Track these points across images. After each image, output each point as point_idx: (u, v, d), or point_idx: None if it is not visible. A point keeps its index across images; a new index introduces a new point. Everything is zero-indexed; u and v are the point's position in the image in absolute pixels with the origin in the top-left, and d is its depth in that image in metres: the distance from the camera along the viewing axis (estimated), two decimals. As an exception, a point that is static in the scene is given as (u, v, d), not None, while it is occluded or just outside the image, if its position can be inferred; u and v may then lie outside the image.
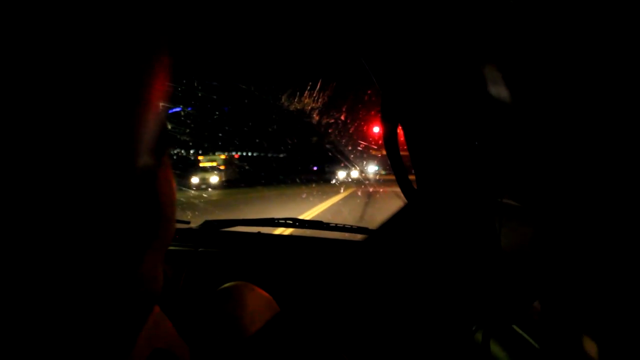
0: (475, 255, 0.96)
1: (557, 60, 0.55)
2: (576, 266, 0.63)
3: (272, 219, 1.62)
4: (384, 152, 1.05)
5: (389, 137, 1.02)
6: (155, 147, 0.30)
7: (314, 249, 1.42)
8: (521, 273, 0.87)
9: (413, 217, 1.09)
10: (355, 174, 16.86)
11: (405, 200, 1.09)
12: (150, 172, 0.30)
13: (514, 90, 0.64)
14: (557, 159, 0.60)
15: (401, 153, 1.04)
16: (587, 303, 0.62)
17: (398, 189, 1.05)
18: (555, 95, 0.57)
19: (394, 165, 1.04)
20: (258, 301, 0.71)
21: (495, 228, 0.94)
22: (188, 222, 1.63)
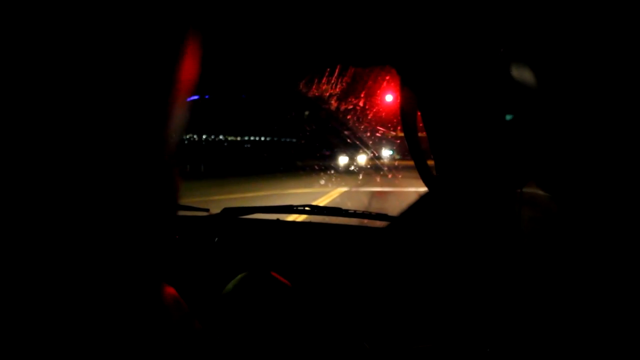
0: (495, 245, 0.94)
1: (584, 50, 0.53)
2: (601, 257, 0.61)
3: (291, 206, 1.63)
4: (400, 134, 1.05)
5: (408, 122, 1.00)
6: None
7: (333, 236, 1.42)
8: (542, 262, 0.86)
9: (434, 204, 1.08)
10: (362, 158, 15.92)
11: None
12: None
13: (540, 73, 0.63)
14: (583, 146, 0.59)
15: (418, 134, 1.03)
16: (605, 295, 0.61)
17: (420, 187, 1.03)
18: (585, 79, 0.55)
19: (413, 151, 1.03)
20: (277, 288, 0.71)
21: (517, 216, 0.93)
22: (207, 210, 1.65)
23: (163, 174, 0.30)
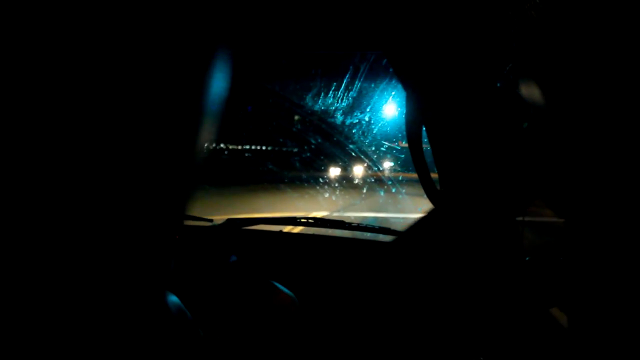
0: (496, 262, 0.94)
1: (586, 64, 0.53)
2: (602, 272, 0.61)
3: (294, 218, 1.64)
4: (404, 145, 1.05)
5: (413, 137, 1.01)
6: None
7: (336, 248, 1.42)
8: (542, 278, 0.85)
9: (439, 221, 1.07)
10: (359, 170, 15.34)
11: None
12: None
13: (544, 92, 0.63)
14: (585, 164, 0.59)
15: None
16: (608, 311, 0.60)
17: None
18: (587, 98, 0.55)
19: (417, 165, 1.03)
20: (281, 299, 0.71)
21: (518, 233, 0.93)
22: (211, 220, 1.66)
23: (174, 183, 0.30)
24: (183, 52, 0.28)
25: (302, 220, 1.62)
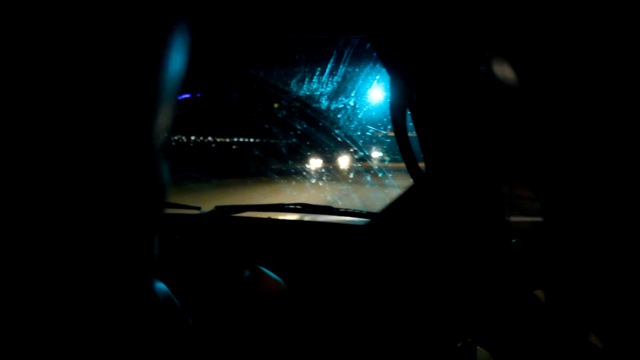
0: (481, 243, 0.96)
1: (567, 51, 0.54)
2: (582, 256, 0.62)
3: (282, 205, 1.64)
4: (390, 134, 1.06)
5: (398, 121, 1.02)
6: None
7: (323, 233, 1.43)
8: (526, 259, 0.87)
9: (419, 199, 1.09)
10: (345, 160, 14.91)
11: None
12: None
13: (524, 76, 0.64)
14: (569, 146, 0.60)
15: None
16: (592, 295, 0.62)
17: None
18: (568, 83, 0.56)
19: (402, 149, 1.04)
20: (269, 284, 0.72)
21: (503, 214, 0.94)
22: (199, 208, 1.65)
23: (150, 172, 0.30)
24: (162, 38, 0.28)
25: (290, 206, 1.63)
